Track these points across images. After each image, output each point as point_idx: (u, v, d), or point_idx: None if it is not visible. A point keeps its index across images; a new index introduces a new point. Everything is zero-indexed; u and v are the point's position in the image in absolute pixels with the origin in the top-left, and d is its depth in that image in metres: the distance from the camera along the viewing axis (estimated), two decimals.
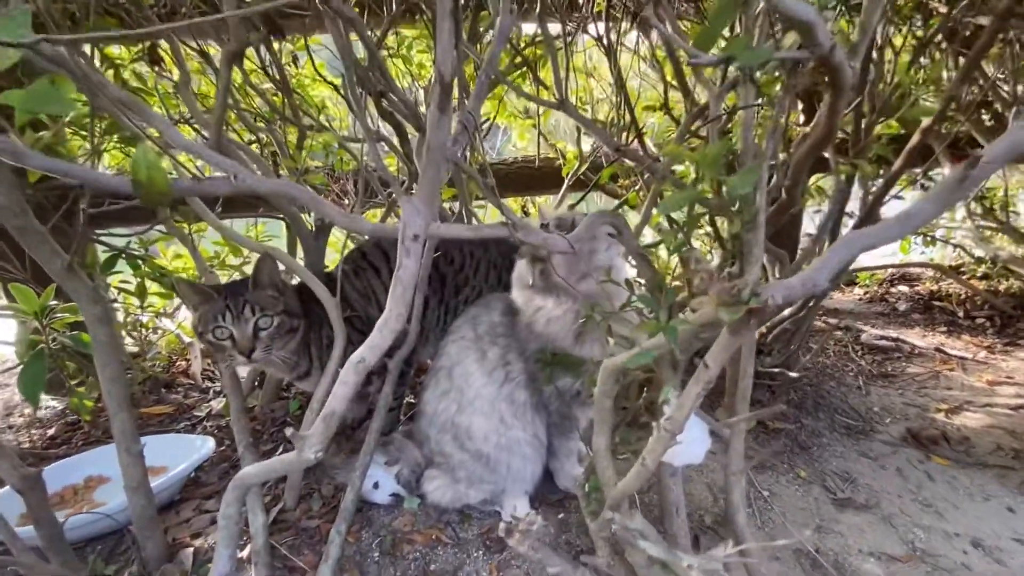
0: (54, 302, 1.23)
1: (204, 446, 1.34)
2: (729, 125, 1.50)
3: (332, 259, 1.59)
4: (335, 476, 1.28)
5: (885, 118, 1.36)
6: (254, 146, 1.52)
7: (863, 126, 1.33)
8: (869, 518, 1.25)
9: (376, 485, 1.21)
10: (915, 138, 1.18)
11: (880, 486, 1.35)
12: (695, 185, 0.73)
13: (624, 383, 0.95)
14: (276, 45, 1.58)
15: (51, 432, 1.60)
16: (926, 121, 1.33)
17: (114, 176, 0.56)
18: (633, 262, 1.02)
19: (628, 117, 1.49)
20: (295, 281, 1.32)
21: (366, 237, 1.52)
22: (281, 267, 1.23)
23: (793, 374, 1.46)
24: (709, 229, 1.02)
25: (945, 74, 1.72)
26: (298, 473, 1.22)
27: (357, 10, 1.38)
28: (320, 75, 1.71)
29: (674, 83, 1.61)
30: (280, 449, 1.42)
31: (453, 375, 1.19)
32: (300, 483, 1.23)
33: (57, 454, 1.43)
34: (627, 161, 1.59)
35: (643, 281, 0.92)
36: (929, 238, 2.78)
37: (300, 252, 1.51)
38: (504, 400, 1.15)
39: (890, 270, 2.76)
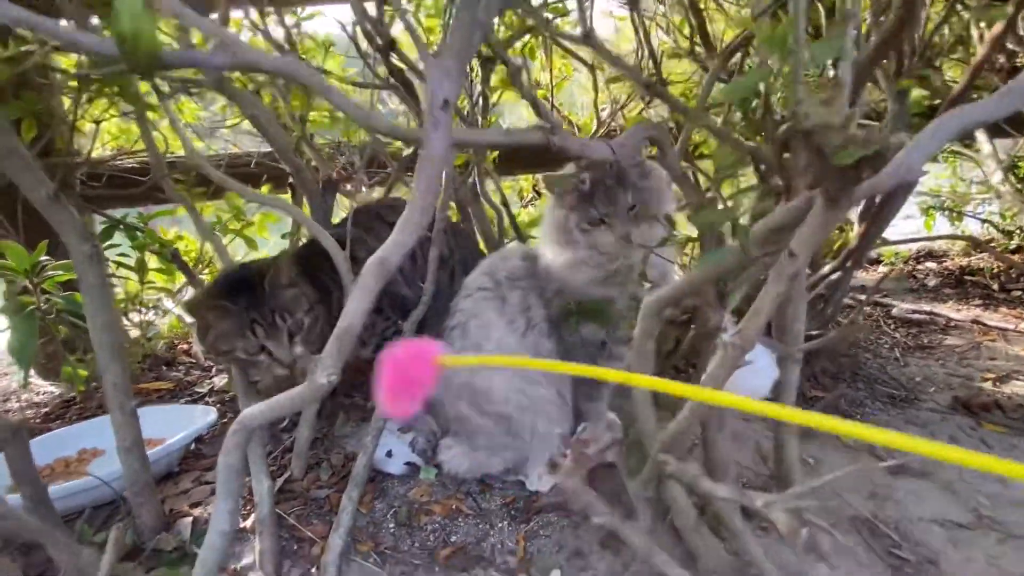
0: (46, 258, 1.15)
1: (205, 417, 1.25)
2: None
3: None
4: (346, 445, 1.19)
5: (924, 66, 1.27)
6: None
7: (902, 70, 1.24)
8: (927, 485, 1.15)
9: (389, 453, 1.12)
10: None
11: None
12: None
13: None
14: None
15: (46, 410, 1.52)
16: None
17: (91, 36, 0.47)
18: None
19: (652, 66, 1.41)
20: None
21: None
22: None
23: (833, 333, 1.36)
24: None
25: (976, 32, 1.63)
26: (305, 441, 1.13)
27: None
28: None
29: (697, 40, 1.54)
30: (286, 421, 1.33)
31: (468, 330, 1.10)
32: (307, 451, 1.14)
33: (51, 428, 1.35)
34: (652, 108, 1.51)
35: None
36: (956, 213, 2.68)
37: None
38: (528, 351, 1.05)
39: (915, 248, 2.65)
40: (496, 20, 1.65)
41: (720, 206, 0.80)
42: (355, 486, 0.97)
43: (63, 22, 0.85)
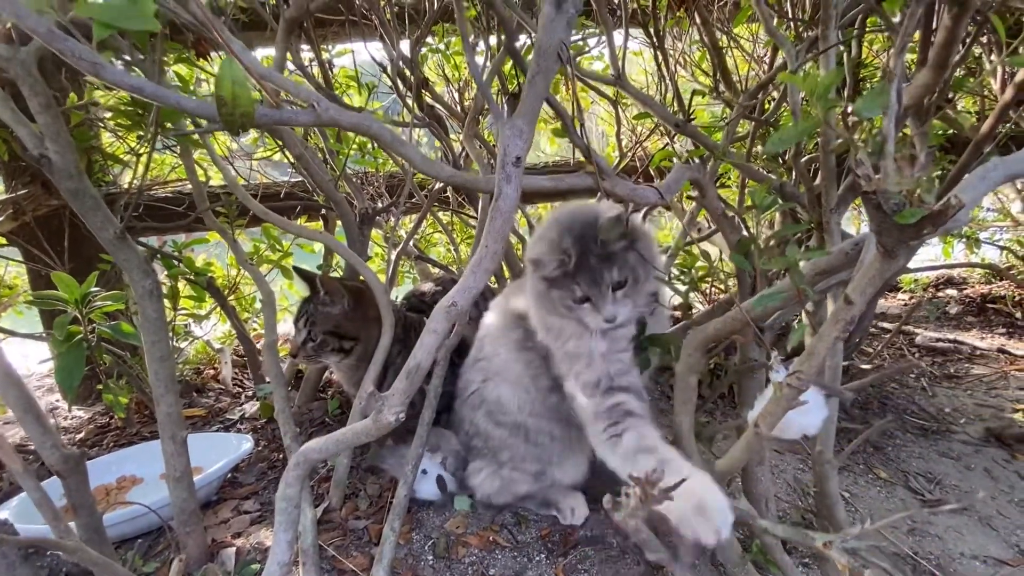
0: (95, 288, 1.18)
1: (242, 445, 1.27)
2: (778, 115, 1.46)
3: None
4: (381, 462, 1.20)
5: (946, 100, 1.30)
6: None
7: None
8: (965, 521, 1.14)
9: (424, 472, 1.13)
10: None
11: (969, 487, 1.24)
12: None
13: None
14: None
15: (80, 436, 1.55)
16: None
17: (193, 99, 0.52)
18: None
19: (676, 104, 1.45)
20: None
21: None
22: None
23: (865, 366, 1.36)
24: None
25: (988, 65, 1.66)
26: (344, 470, 1.14)
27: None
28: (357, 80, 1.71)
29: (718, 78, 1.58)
30: None
31: (484, 345, 1.13)
32: (345, 481, 1.15)
33: (88, 455, 1.37)
34: (677, 147, 1.55)
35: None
36: (974, 240, 2.69)
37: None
38: (530, 384, 1.04)
39: (935, 275, 2.65)
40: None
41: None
42: (396, 516, 0.97)
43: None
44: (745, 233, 0.91)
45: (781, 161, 1.56)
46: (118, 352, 1.43)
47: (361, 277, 1.32)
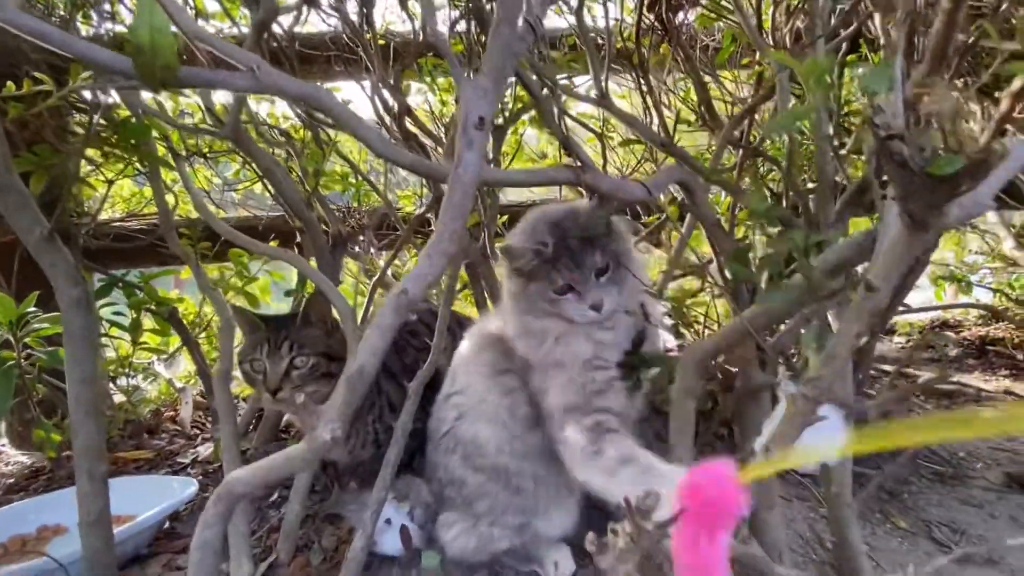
0: (34, 309, 1.08)
1: (184, 490, 1.12)
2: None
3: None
4: (342, 509, 1.06)
5: None
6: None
7: None
8: (996, 574, 1.01)
9: (388, 521, 0.99)
10: None
11: (996, 537, 1.12)
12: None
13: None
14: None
15: (11, 481, 1.38)
16: None
17: (106, 51, 0.45)
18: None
19: (662, 131, 1.43)
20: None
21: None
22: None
23: (870, 402, 1.26)
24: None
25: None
26: (295, 518, 1.00)
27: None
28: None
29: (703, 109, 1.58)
30: (275, 495, 1.20)
31: (457, 375, 1.00)
32: (296, 532, 1.01)
33: (12, 501, 1.21)
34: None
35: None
36: (964, 284, 2.66)
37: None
38: (506, 415, 0.93)
39: (930, 317, 2.61)
40: (507, 92, 1.72)
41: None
42: (351, 573, 0.83)
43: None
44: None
45: (770, 191, 1.53)
46: (58, 384, 1.30)
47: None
